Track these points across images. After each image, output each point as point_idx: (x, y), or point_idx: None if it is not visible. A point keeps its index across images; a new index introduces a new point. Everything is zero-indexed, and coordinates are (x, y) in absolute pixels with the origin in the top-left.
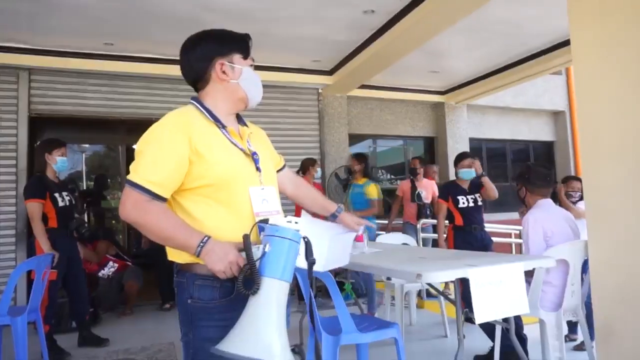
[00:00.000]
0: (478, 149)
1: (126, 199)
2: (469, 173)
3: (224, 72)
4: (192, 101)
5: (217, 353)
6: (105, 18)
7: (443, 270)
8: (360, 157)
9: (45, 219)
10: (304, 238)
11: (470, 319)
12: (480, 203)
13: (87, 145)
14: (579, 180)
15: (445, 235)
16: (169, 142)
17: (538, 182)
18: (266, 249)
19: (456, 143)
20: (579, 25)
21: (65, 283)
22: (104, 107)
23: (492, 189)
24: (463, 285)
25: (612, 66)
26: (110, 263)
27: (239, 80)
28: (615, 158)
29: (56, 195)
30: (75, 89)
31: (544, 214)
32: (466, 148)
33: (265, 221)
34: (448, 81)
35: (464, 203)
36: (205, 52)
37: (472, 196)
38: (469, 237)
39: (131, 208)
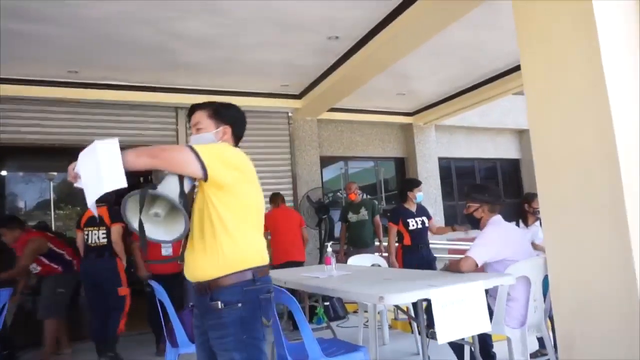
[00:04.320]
0: (447, 167)
1: None
2: (421, 196)
3: None
4: None
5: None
6: (68, 46)
7: (405, 292)
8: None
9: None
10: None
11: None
12: (426, 225)
13: (55, 174)
14: None
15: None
16: None
17: (495, 200)
18: None
19: (426, 163)
20: (527, 50)
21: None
22: (71, 134)
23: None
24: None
25: (558, 87)
26: (34, 265)
27: None
28: (568, 175)
29: None
30: (39, 117)
31: (504, 231)
32: (435, 167)
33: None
34: (415, 103)
35: (413, 225)
36: None
37: (420, 219)
38: (415, 255)
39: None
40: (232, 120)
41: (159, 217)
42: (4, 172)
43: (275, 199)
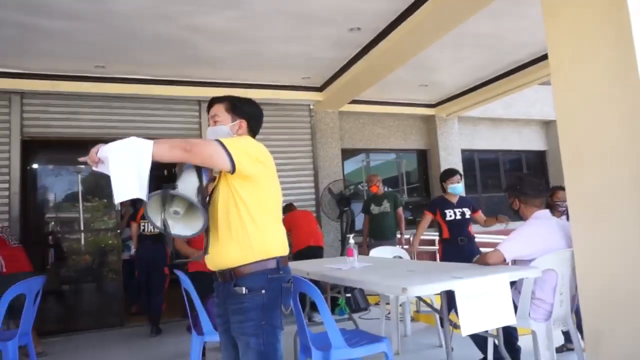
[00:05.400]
0: (470, 160)
1: None
2: (457, 188)
3: None
4: None
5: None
6: (94, 42)
7: (428, 284)
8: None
9: None
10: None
11: None
12: (467, 217)
13: (83, 167)
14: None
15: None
16: None
17: (531, 193)
18: None
19: (449, 155)
20: (555, 37)
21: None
22: (98, 128)
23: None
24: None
25: (587, 77)
26: None
27: None
28: (596, 167)
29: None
30: (68, 111)
31: (545, 229)
32: (459, 160)
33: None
34: (438, 94)
35: (450, 216)
36: None
37: (460, 210)
38: (456, 249)
39: None
40: (249, 115)
41: (178, 214)
42: (35, 165)
43: (288, 207)
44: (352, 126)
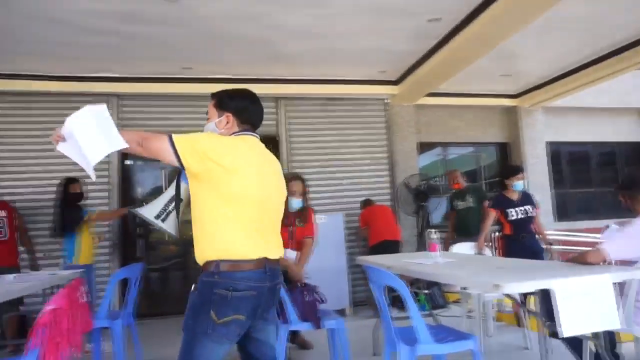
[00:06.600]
0: (557, 153)
1: None
2: (520, 185)
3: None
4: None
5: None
6: (181, 46)
7: (523, 281)
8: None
9: None
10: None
11: (555, 334)
12: (530, 214)
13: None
14: None
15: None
16: None
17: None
18: None
19: (534, 148)
20: None
21: None
22: (187, 126)
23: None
24: (543, 296)
25: None
26: None
27: None
28: None
29: None
30: (159, 111)
31: None
32: (543, 153)
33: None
34: (520, 84)
35: (513, 215)
36: None
37: (522, 208)
38: (518, 245)
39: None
40: (234, 108)
41: (159, 218)
42: (129, 162)
43: (367, 202)
44: (429, 119)
